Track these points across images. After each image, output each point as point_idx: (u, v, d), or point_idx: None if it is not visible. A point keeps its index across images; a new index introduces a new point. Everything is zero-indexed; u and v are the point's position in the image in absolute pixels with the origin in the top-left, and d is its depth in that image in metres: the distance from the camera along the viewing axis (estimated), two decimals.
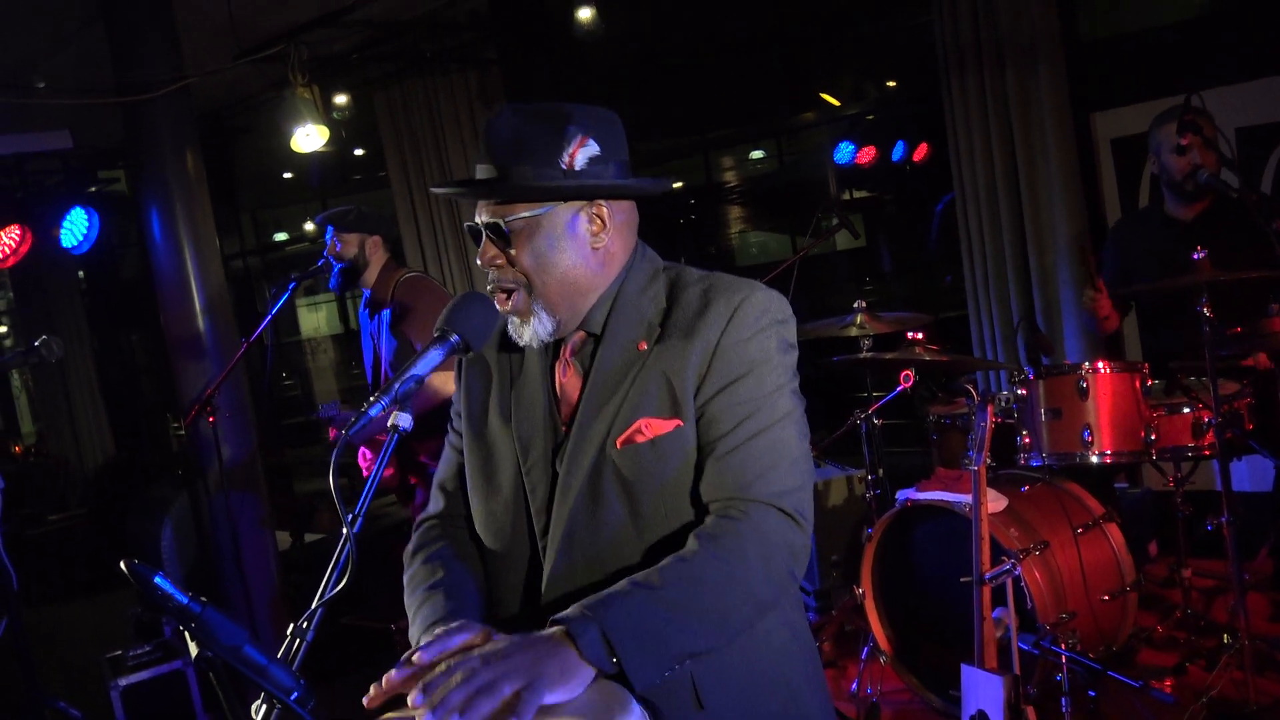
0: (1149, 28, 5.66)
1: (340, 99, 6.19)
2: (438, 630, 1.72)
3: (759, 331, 1.84)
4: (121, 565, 1.32)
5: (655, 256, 2.00)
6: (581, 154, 1.87)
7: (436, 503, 2.11)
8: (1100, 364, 3.89)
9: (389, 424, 1.77)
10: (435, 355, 1.83)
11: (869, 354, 4.35)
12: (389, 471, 4.72)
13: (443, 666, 1.52)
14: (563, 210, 1.87)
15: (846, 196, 10.25)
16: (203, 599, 1.37)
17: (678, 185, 9.37)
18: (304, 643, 1.58)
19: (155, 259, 5.81)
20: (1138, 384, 3.92)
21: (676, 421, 1.82)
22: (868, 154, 9.51)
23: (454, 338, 1.84)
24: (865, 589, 4.15)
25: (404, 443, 4.53)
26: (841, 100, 8.97)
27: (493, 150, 1.86)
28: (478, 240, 1.93)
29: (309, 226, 11.58)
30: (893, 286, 9.90)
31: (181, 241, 5.75)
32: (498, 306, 1.91)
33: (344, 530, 1.65)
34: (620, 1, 6.16)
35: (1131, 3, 5.90)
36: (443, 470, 2.14)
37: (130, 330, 12.53)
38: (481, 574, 1.99)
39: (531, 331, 1.91)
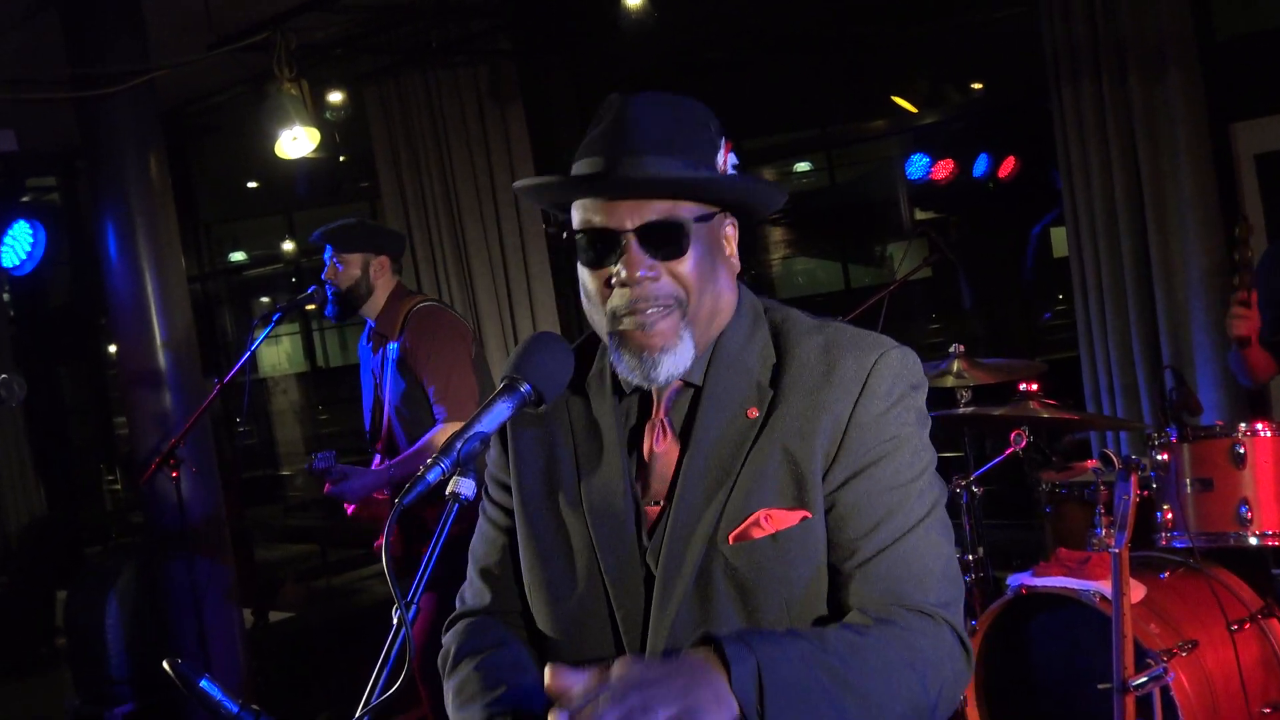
0: None
1: (335, 96, 6.19)
2: None
3: (896, 402, 1.80)
4: (165, 665, 1.28)
5: (749, 292, 1.95)
6: (729, 160, 1.85)
7: (479, 594, 2.03)
8: (1260, 425, 3.84)
9: (448, 491, 1.73)
10: (504, 409, 1.78)
11: (972, 408, 4.30)
12: (393, 537, 4.66)
13: (581, 692, 1.53)
14: (718, 220, 1.85)
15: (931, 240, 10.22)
16: (255, 708, 1.32)
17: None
18: None
19: (110, 282, 5.80)
20: None
21: (803, 513, 1.77)
22: (944, 168, 9.52)
23: (525, 387, 1.78)
24: (968, 695, 4.08)
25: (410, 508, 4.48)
26: (917, 106, 8.98)
27: (636, 136, 1.78)
28: (595, 254, 1.82)
29: (286, 246, 11.59)
30: (971, 324, 9.85)
31: (142, 262, 5.74)
32: (639, 337, 1.80)
33: (395, 615, 1.62)
34: None
35: None
36: (483, 551, 2.05)
37: (59, 364, 12.54)
38: None
39: (670, 366, 1.80)
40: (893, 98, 8.82)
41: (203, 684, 1.30)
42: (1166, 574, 4.01)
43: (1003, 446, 4.34)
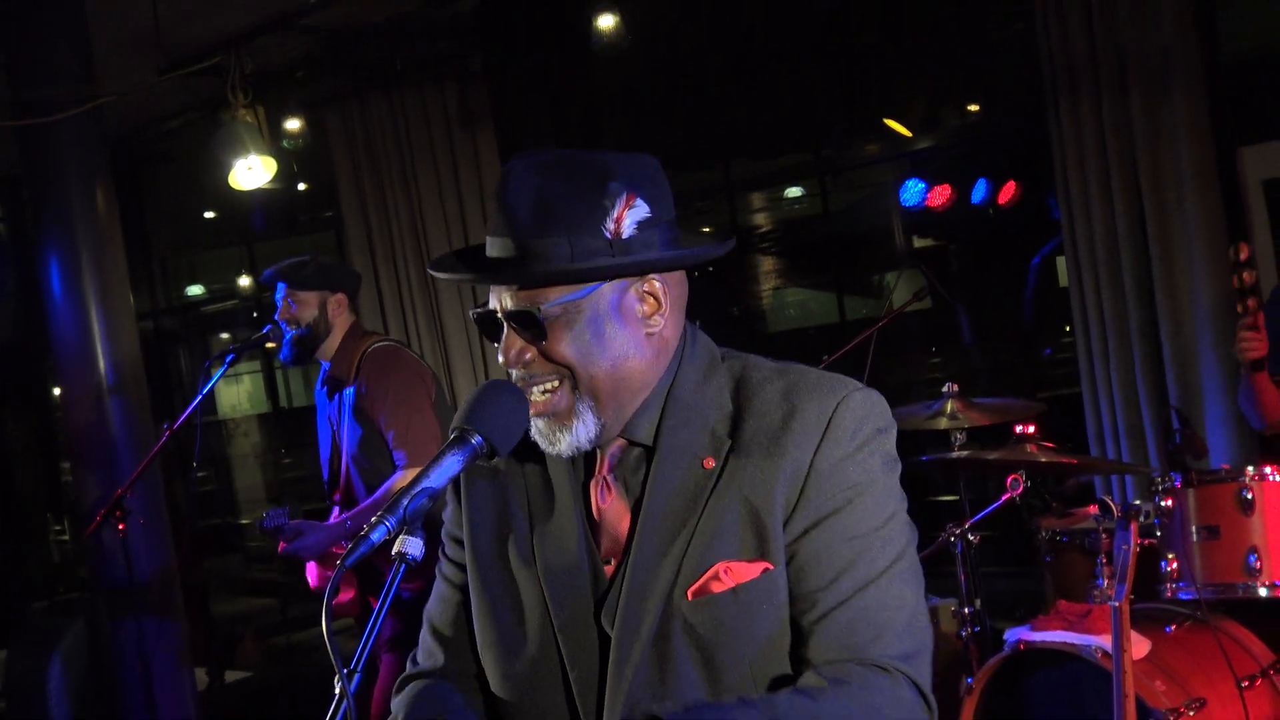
0: None
1: (292, 124, 6.21)
2: None
3: (860, 447, 1.82)
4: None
5: (708, 341, 1.98)
6: (629, 217, 1.84)
7: (431, 655, 2.05)
8: (1269, 469, 3.86)
9: (394, 551, 1.74)
10: (453, 463, 1.79)
11: (966, 452, 4.31)
12: (348, 595, 4.66)
13: None
14: (608, 290, 1.84)
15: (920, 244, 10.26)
16: None
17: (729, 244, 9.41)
18: None
19: (54, 319, 5.79)
20: None
21: (764, 564, 1.79)
22: (941, 194, 9.56)
23: (476, 439, 1.79)
24: None
25: (366, 560, 4.49)
26: (911, 129, 9.04)
27: (512, 220, 1.83)
28: (490, 332, 1.90)
29: (244, 281, 11.58)
30: (971, 359, 9.89)
31: (87, 299, 5.75)
32: (532, 410, 1.87)
33: (337, 685, 1.61)
34: (633, 7, 6.20)
35: None
36: (438, 612, 2.08)
37: (2, 407, 12.52)
38: None
39: (572, 440, 1.86)
40: (885, 120, 8.87)
41: None
42: (1172, 628, 4.02)
43: (1002, 490, 4.35)
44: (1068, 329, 5.99)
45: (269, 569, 11.68)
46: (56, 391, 12.13)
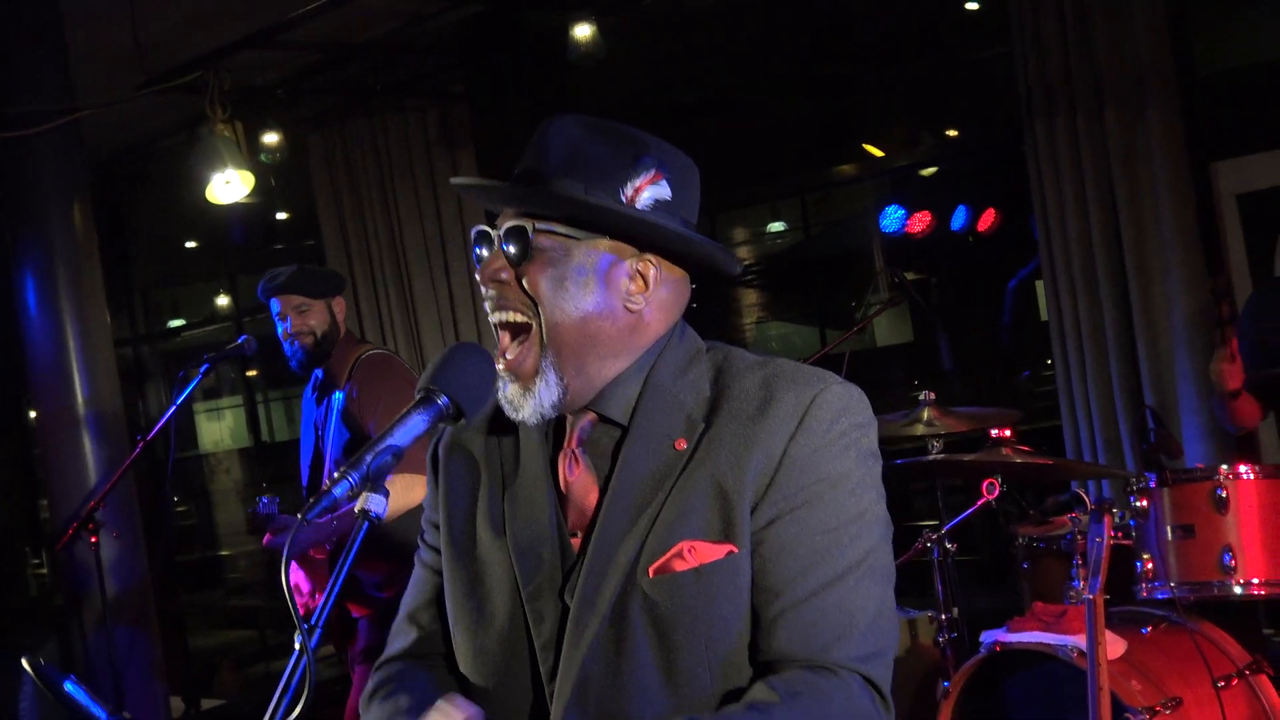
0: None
1: (270, 138, 6.24)
2: None
3: (835, 439, 1.81)
4: (23, 663, 1.28)
5: (696, 337, 1.98)
6: (649, 191, 1.87)
7: (404, 638, 2.06)
8: (1243, 468, 3.87)
9: (357, 508, 1.73)
10: (418, 422, 1.79)
11: (941, 454, 4.32)
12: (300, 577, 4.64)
13: None
14: (604, 245, 1.86)
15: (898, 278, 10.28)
16: (125, 715, 1.31)
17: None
18: None
19: (28, 337, 5.79)
20: None
21: (729, 547, 1.78)
22: (921, 220, 9.61)
23: (442, 400, 1.80)
24: None
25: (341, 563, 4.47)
26: (888, 152, 9.10)
27: (542, 155, 1.86)
28: (476, 254, 1.92)
29: (222, 300, 11.57)
30: (954, 387, 9.90)
31: (63, 316, 5.74)
32: (498, 360, 1.88)
33: (297, 641, 1.62)
34: (616, 32, 6.25)
35: (1261, 30, 6.02)
36: (413, 597, 2.09)
37: None
38: None
39: (535, 403, 1.86)
40: (865, 146, 8.93)
41: (66, 685, 1.28)
42: (1148, 629, 4.01)
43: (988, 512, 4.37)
44: (1049, 361, 6.01)
45: (249, 598, 11.62)
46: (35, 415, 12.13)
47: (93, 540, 5.09)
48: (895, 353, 11.12)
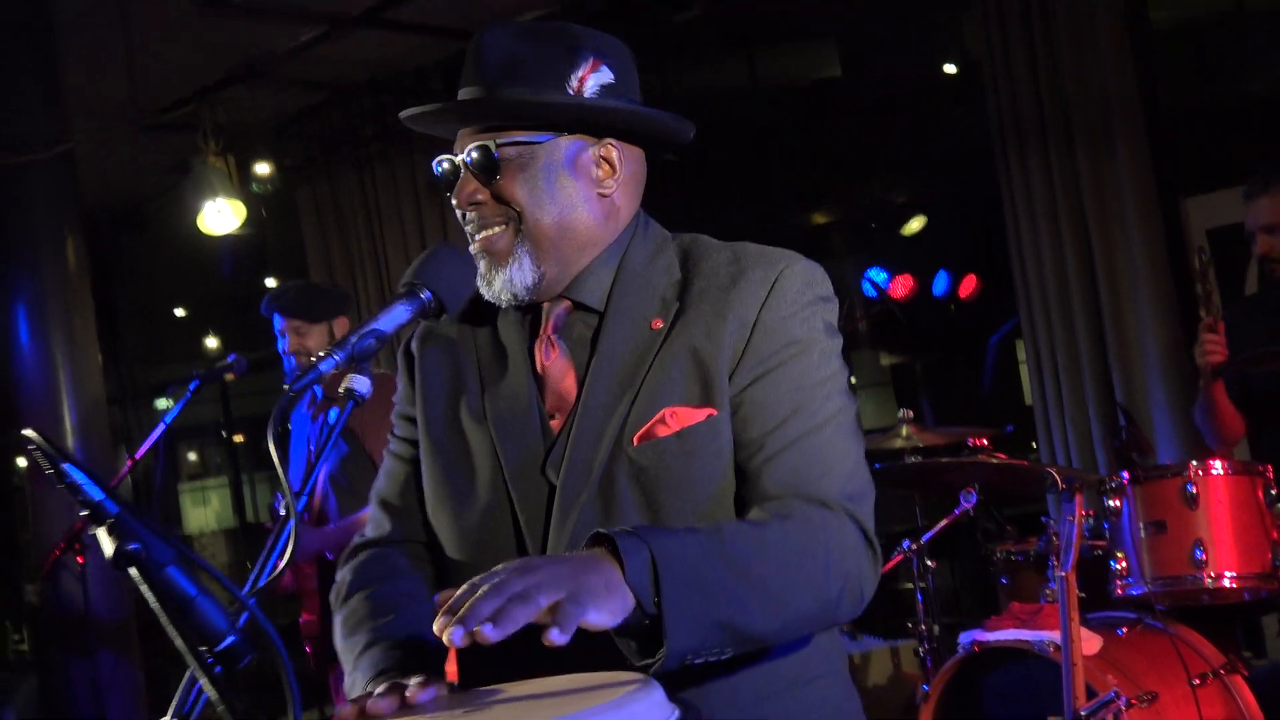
0: (1246, 98, 5.94)
1: (262, 168, 6.36)
2: (391, 682, 1.74)
3: (803, 308, 1.90)
4: (26, 432, 1.32)
5: (659, 226, 2.08)
6: (593, 79, 1.95)
7: (379, 525, 2.11)
8: (1213, 463, 3.93)
9: (341, 388, 1.80)
10: (401, 312, 1.85)
11: (917, 459, 4.39)
12: (311, 617, 4.66)
13: (465, 588, 1.54)
14: (565, 142, 1.94)
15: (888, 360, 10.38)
16: (124, 500, 1.35)
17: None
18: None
19: (17, 364, 5.84)
20: (1260, 493, 3.95)
21: (709, 410, 1.85)
22: (904, 284, 9.71)
23: (425, 294, 1.86)
24: None
25: (327, 562, 4.50)
26: (871, 216, 9.25)
27: (481, 69, 1.93)
28: (449, 188, 1.98)
29: (211, 343, 11.59)
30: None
31: (53, 343, 5.79)
32: (471, 246, 1.96)
33: (284, 504, 1.71)
34: None
35: (1226, 67, 6.19)
36: (384, 485, 2.14)
37: None
38: None
39: (505, 280, 1.93)
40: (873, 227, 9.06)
41: (66, 467, 1.32)
42: (1124, 630, 4.05)
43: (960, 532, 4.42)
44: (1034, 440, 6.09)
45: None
46: (20, 469, 12.08)
47: (79, 560, 5.10)
48: (878, 403, 11.08)
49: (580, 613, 1.50)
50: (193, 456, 14.51)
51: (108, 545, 1.33)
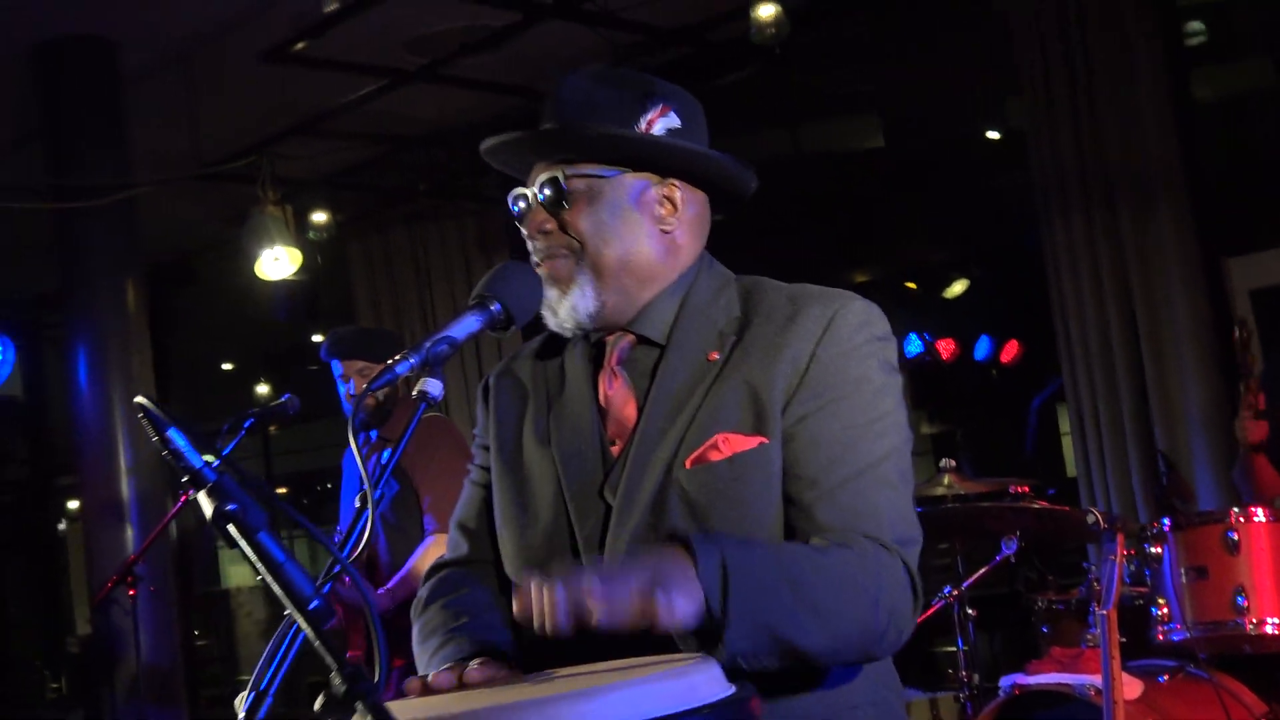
0: None
1: (319, 216, 6.52)
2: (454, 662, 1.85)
3: (859, 346, 1.97)
4: (139, 400, 1.41)
5: (724, 267, 2.17)
6: (661, 122, 2.07)
7: (456, 546, 2.23)
8: (1255, 510, 3.96)
9: (415, 391, 1.88)
10: (473, 321, 1.94)
11: (956, 503, 4.42)
12: (356, 653, 4.71)
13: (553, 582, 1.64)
14: (630, 179, 2.05)
15: (928, 430, 10.41)
16: (220, 467, 1.43)
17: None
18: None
19: (75, 406, 5.97)
20: None
21: (760, 438, 1.93)
22: (947, 348, 9.78)
23: (495, 306, 1.95)
24: None
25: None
26: (916, 282, 9.32)
27: (558, 106, 2.06)
28: (521, 219, 2.09)
29: (258, 394, 11.72)
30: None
31: (110, 386, 5.93)
32: (539, 272, 2.05)
33: (367, 500, 1.79)
34: None
35: (1269, 134, 6.25)
36: (463, 510, 2.26)
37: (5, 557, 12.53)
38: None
39: (569, 307, 2.02)
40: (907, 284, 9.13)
41: (170, 432, 1.41)
42: (1165, 678, 4.06)
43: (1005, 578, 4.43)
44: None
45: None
46: (61, 526, 12.20)
47: (130, 593, 5.17)
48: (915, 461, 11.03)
49: (667, 597, 1.60)
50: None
51: (208, 507, 1.42)
